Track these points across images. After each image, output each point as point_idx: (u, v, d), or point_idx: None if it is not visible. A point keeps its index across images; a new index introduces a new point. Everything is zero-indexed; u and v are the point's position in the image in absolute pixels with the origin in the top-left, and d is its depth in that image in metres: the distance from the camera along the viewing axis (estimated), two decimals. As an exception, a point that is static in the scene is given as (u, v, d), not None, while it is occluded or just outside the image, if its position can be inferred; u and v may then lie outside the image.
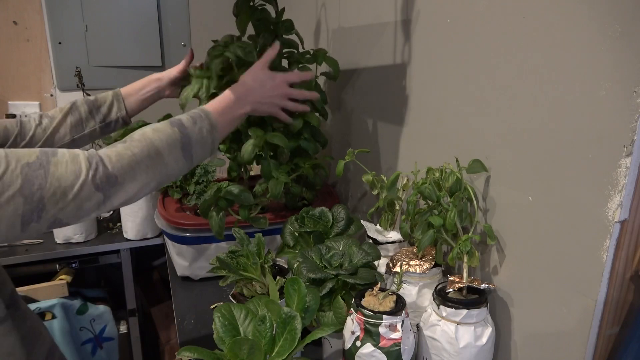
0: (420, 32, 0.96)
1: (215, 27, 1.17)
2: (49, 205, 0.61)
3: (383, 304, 0.72)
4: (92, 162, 0.64)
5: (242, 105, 0.87)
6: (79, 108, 0.96)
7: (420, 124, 1.00)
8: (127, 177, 0.66)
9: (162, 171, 0.71)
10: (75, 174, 0.62)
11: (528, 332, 0.73)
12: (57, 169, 0.62)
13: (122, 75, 2.02)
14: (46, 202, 0.60)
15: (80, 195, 0.62)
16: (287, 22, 1.14)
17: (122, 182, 0.66)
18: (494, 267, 0.79)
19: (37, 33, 1.90)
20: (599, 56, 0.57)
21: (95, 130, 0.97)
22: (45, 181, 0.60)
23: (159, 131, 0.72)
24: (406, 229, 0.85)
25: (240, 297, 0.92)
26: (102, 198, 0.64)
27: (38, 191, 0.60)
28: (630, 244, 0.58)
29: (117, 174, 0.65)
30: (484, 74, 0.78)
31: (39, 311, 1.56)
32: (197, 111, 0.80)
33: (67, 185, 0.61)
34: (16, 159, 0.60)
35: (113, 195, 0.66)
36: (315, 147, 1.15)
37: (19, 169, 0.59)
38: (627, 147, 0.54)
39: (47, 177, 0.61)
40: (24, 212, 0.59)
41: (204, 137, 0.78)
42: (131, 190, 0.67)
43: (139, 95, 1.03)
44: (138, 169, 0.68)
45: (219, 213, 1.02)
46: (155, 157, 0.70)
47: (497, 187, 0.77)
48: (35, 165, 0.61)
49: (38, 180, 0.60)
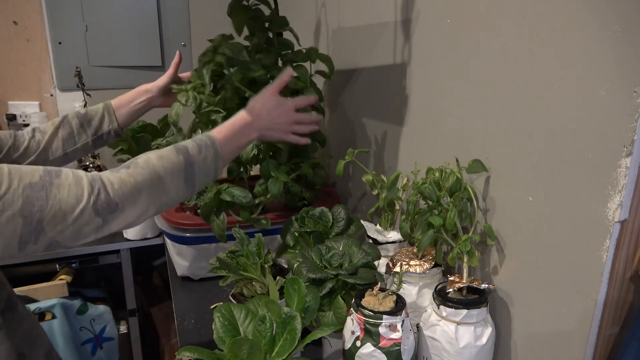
0: (420, 32, 0.96)
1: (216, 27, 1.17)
2: (48, 228, 0.60)
3: (383, 304, 0.72)
4: (94, 187, 0.63)
5: (249, 133, 0.86)
6: (70, 122, 0.96)
7: (420, 124, 1.00)
8: (128, 205, 0.66)
9: (163, 199, 0.71)
10: (77, 198, 0.62)
11: (528, 332, 0.73)
12: (59, 192, 0.61)
13: (122, 75, 2.02)
14: (45, 225, 0.60)
15: (80, 219, 0.62)
16: (282, 19, 1.14)
17: (123, 209, 0.65)
18: (494, 267, 0.79)
19: (37, 33, 1.90)
20: (599, 56, 0.57)
21: (87, 144, 0.98)
22: (46, 203, 0.60)
23: (163, 159, 0.72)
24: (406, 229, 0.85)
25: (240, 297, 0.92)
26: (101, 223, 0.64)
27: (38, 213, 0.59)
28: (630, 244, 0.58)
29: (118, 200, 0.65)
30: (484, 74, 0.78)
31: (39, 311, 1.56)
32: (204, 138, 0.79)
33: (68, 208, 0.61)
34: (19, 178, 0.60)
35: (112, 221, 0.65)
36: (314, 146, 1.15)
37: (20, 188, 0.59)
38: (627, 147, 0.54)
39: (48, 199, 0.60)
40: (22, 232, 0.59)
41: (208, 166, 0.77)
42: (130, 217, 0.67)
43: (129, 107, 1.03)
44: (139, 197, 0.67)
45: (220, 215, 1.02)
46: (158, 186, 0.70)
47: (497, 187, 0.77)
48: (37, 186, 0.60)
49: (39, 202, 0.60)
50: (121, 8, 1.95)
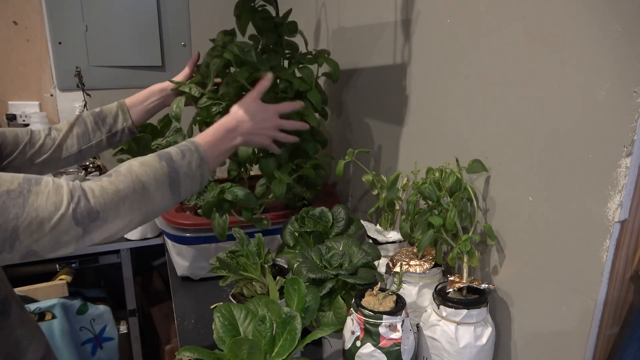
0: (420, 32, 0.96)
1: (215, 27, 1.17)
2: (23, 236, 0.58)
3: (383, 304, 0.72)
4: (74, 195, 0.61)
5: (233, 138, 0.86)
6: (85, 120, 0.97)
7: (420, 124, 1.00)
8: (110, 214, 0.64)
9: (148, 208, 0.69)
10: (55, 206, 0.60)
11: (528, 332, 0.73)
12: (36, 199, 0.59)
13: (122, 75, 2.02)
14: (20, 233, 0.58)
15: (57, 227, 0.60)
16: (292, 24, 1.14)
17: (105, 218, 0.63)
18: (494, 267, 0.79)
19: (37, 33, 1.90)
20: (599, 56, 0.57)
21: (102, 141, 0.98)
22: (22, 210, 0.58)
23: (146, 165, 0.70)
24: (406, 229, 0.85)
25: (240, 297, 0.92)
26: (81, 233, 0.62)
27: (13, 220, 0.57)
28: (630, 244, 0.58)
29: (100, 209, 0.63)
30: (484, 74, 0.78)
31: (39, 311, 1.56)
32: (186, 144, 0.78)
33: (45, 216, 0.59)
34: None
35: (93, 231, 0.63)
36: (315, 147, 1.15)
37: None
38: (627, 147, 0.54)
39: (25, 206, 0.58)
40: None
41: (193, 171, 0.75)
42: (113, 227, 0.65)
43: (143, 106, 1.03)
44: (122, 205, 0.65)
45: (222, 215, 1.02)
46: (142, 193, 0.67)
47: (497, 187, 0.77)
48: (14, 193, 0.58)
49: (15, 209, 0.57)
50: (121, 8, 1.95)
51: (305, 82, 1.09)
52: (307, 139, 1.13)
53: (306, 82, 1.09)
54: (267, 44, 1.12)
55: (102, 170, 1.78)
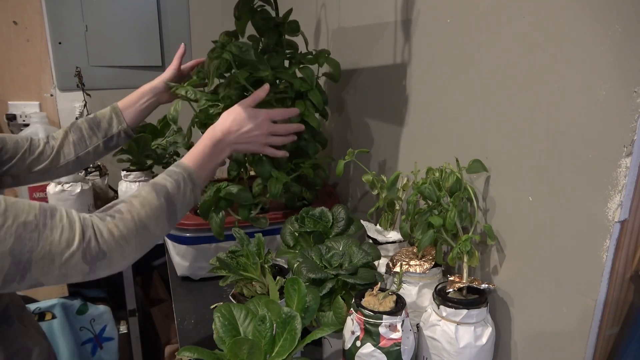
0: (420, 32, 0.96)
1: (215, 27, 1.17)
2: (34, 269, 0.60)
3: (383, 304, 0.72)
4: (86, 234, 0.63)
5: (221, 150, 0.86)
6: (80, 126, 0.98)
7: (420, 123, 1.00)
8: (116, 255, 0.66)
9: (149, 242, 0.72)
10: (68, 242, 0.61)
11: (528, 332, 0.73)
12: (51, 234, 0.61)
13: (122, 75, 2.02)
14: (32, 266, 0.59)
15: (67, 264, 0.62)
16: (293, 23, 1.14)
17: (110, 258, 0.65)
18: (494, 267, 0.79)
19: (37, 33, 1.90)
20: (599, 56, 0.57)
21: (98, 146, 0.99)
22: (36, 244, 0.59)
23: (146, 205, 0.71)
24: (406, 229, 0.85)
25: (240, 297, 0.92)
26: (87, 270, 0.64)
27: (27, 253, 0.59)
28: (630, 244, 0.58)
29: (107, 250, 0.65)
30: (483, 74, 0.78)
31: (39, 311, 1.56)
32: (178, 171, 0.78)
33: (57, 252, 0.61)
34: (14, 216, 0.59)
35: (99, 269, 0.65)
36: (315, 147, 1.15)
37: (14, 227, 0.58)
38: (627, 147, 0.54)
39: (39, 240, 0.60)
40: (8, 271, 0.58)
41: (188, 199, 0.78)
42: (117, 265, 0.67)
43: (136, 107, 1.03)
44: (127, 247, 0.68)
45: (219, 213, 1.02)
46: (144, 234, 0.70)
47: (497, 187, 0.77)
48: (30, 226, 0.60)
49: (30, 242, 0.59)
50: (121, 8, 1.95)
51: (306, 82, 1.09)
52: (307, 139, 1.13)
53: (307, 82, 1.09)
54: (267, 44, 1.12)
55: (102, 171, 1.78)
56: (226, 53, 0.99)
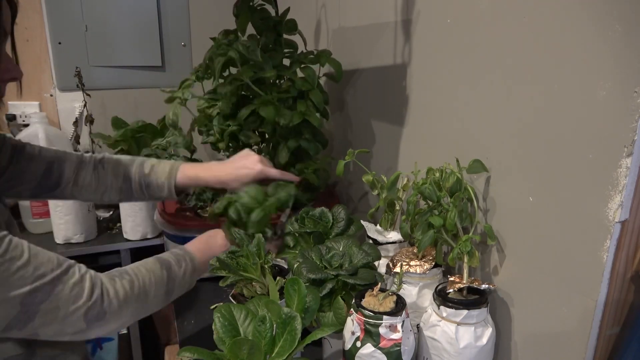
0: (420, 32, 0.96)
1: (215, 27, 1.17)
2: (38, 320, 0.61)
3: (383, 304, 0.72)
4: (93, 293, 0.65)
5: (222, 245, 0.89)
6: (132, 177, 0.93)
7: (420, 124, 0.99)
8: (114, 317, 0.67)
9: (143, 312, 0.73)
10: (74, 299, 0.63)
11: (528, 333, 0.73)
12: (62, 288, 0.62)
13: (122, 75, 2.02)
14: (37, 317, 0.60)
15: (67, 319, 0.63)
16: (290, 22, 1.14)
17: (108, 320, 0.67)
18: (494, 267, 0.79)
19: (37, 33, 1.90)
20: (600, 56, 0.57)
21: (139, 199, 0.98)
22: (47, 297, 0.61)
23: (150, 272, 0.74)
24: (406, 229, 0.85)
25: (240, 297, 0.92)
26: (84, 328, 0.65)
27: (37, 305, 0.60)
28: (631, 244, 0.58)
29: (107, 312, 0.66)
30: (484, 74, 0.78)
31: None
32: (182, 253, 0.82)
33: (62, 306, 0.62)
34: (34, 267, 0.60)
35: (94, 329, 0.66)
36: (316, 147, 1.15)
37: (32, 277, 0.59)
38: (627, 148, 0.54)
39: (50, 294, 0.61)
40: (14, 318, 0.59)
41: (186, 279, 0.81)
42: (110, 327, 0.68)
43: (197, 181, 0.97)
44: (125, 310, 0.69)
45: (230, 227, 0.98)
46: (143, 300, 0.72)
47: (498, 187, 0.77)
48: (46, 279, 0.61)
49: (42, 295, 0.60)
50: (121, 8, 1.94)
51: (307, 81, 1.09)
52: (308, 139, 1.13)
53: (308, 82, 1.09)
54: (266, 43, 1.12)
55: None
56: (232, 51, 0.99)
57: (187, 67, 2.05)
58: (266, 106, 1.04)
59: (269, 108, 1.05)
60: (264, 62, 1.02)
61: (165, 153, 1.49)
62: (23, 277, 0.59)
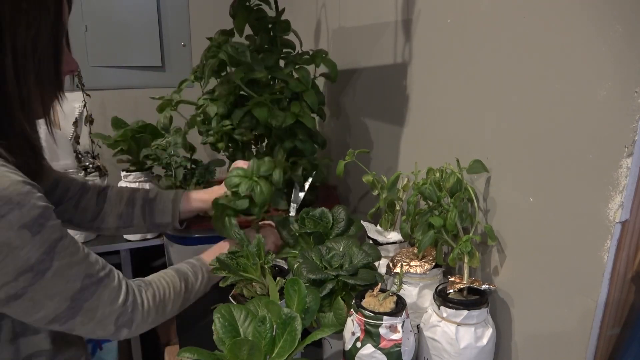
0: (420, 32, 0.96)
1: (215, 27, 1.17)
2: (79, 318, 0.63)
3: (383, 304, 0.72)
4: (127, 301, 0.68)
5: None
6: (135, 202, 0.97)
7: (420, 124, 0.99)
8: (138, 326, 0.71)
9: (159, 321, 0.76)
10: (111, 303, 0.66)
11: (529, 333, 0.73)
12: (103, 291, 0.65)
13: (122, 75, 2.02)
14: (79, 315, 0.63)
15: (102, 321, 0.66)
16: (285, 22, 1.14)
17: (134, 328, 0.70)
18: (495, 267, 0.79)
19: (37, 33, 1.90)
20: (600, 56, 0.57)
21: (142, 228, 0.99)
22: (91, 297, 0.64)
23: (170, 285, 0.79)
24: (406, 229, 0.85)
25: (240, 297, 0.91)
26: (112, 331, 0.68)
27: (82, 302, 0.62)
28: (631, 244, 0.58)
29: (134, 319, 0.70)
30: (484, 74, 0.77)
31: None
32: (197, 264, 0.87)
33: (99, 307, 0.65)
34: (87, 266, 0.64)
35: (119, 334, 0.69)
36: (312, 147, 1.14)
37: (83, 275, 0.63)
38: (628, 148, 0.54)
39: (94, 294, 0.64)
40: (61, 313, 0.61)
41: (200, 290, 0.86)
42: (135, 331, 0.71)
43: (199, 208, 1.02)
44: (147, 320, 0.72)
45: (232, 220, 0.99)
46: (162, 312, 0.76)
47: (498, 187, 0.77)
48: (94, 279, 0.64)
49: (88, 293, 0.63)
50: (121, 8, 1.95)
51: (301, 82, 1.09)
52: (303, 139, 1.12)
53: (302, 83, 1.09)
54: (261, 44, 1.12)
55: (101, 171, 1.77)
56: (222, 53, 0.99)
57: (187, 67, 2.06)
58: (259, 107, 1.04)
59: (262, 109, 1.04)
60: (254, 63, 1.01)
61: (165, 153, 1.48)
62: (78, 273, 0.61)
